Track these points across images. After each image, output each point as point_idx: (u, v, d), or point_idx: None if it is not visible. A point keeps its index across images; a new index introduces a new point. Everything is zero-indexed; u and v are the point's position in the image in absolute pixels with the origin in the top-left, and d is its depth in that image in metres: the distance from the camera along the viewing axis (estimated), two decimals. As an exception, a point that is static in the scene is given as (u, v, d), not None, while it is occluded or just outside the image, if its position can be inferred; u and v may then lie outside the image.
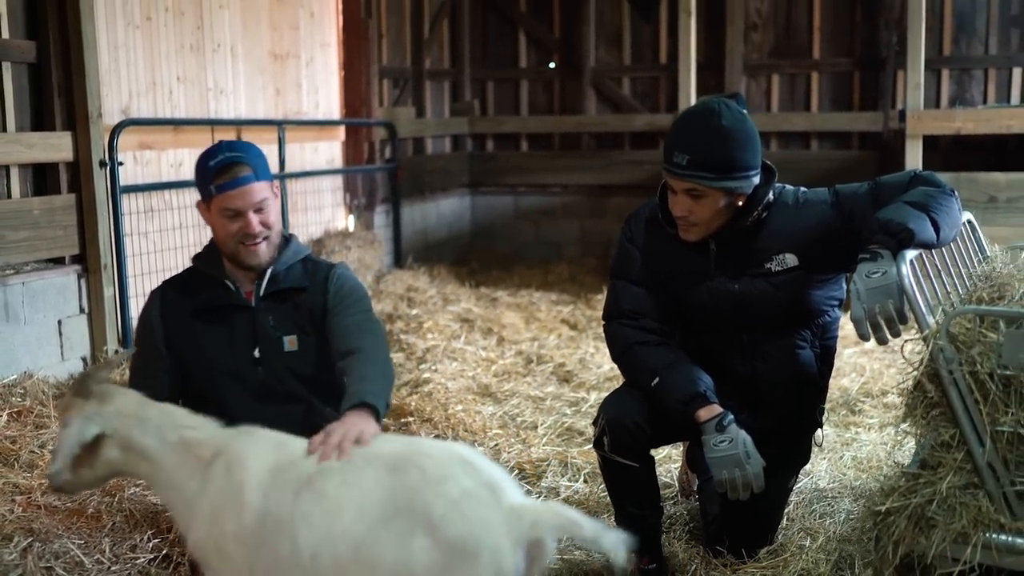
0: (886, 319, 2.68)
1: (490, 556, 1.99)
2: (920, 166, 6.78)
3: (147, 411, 2.56)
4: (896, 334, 2.71)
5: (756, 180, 3.13)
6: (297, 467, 2.29)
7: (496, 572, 1.98)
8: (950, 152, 8.36)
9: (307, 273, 3.20)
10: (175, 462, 2.47)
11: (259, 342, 3.09)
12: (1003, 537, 2.55)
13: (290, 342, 3.12)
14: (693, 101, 7.64)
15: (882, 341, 2.72)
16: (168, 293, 3.19)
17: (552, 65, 10.28)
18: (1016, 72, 8.84)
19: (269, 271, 3.13)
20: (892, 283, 2.66)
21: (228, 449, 2.40)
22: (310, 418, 3.04)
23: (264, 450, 2.37)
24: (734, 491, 3.07)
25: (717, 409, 3.10)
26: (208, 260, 3.20)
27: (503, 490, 2.11)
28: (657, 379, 3.17)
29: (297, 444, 2.43)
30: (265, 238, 3.10)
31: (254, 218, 3.04)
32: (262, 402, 3.01)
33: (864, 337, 2.72)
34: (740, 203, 3.14)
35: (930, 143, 7.38)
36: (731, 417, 3.08)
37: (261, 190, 3.06)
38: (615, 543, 2.00)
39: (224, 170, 3.00)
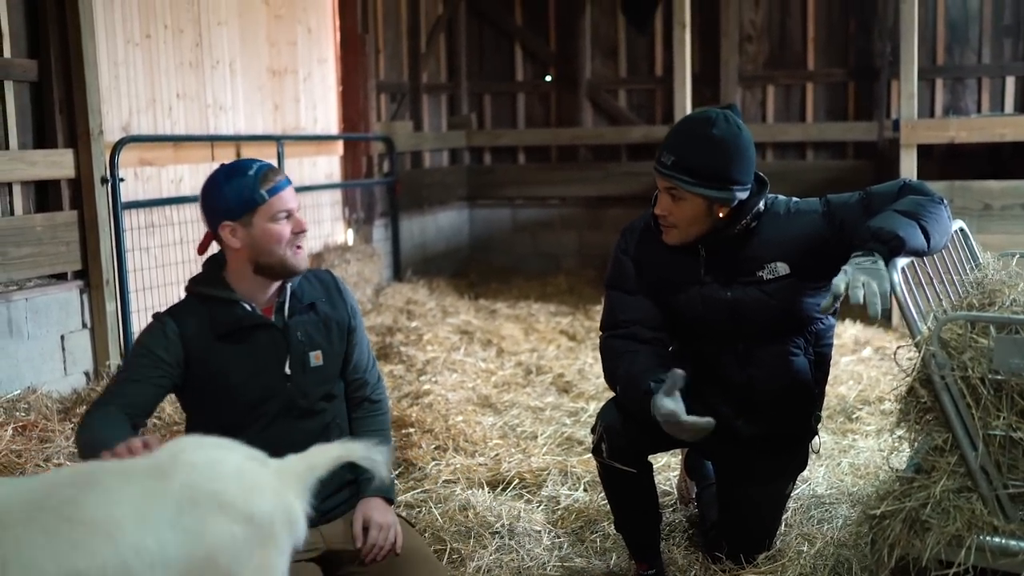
0: (867, 292, 2.64)
1: (282, 513, 2.14)
2: (915, 175, 6.82)
3: None
4: (874, 313, 2.65)
5: (741, 195, 3.15)
6: (19, 510, 2.03)
7: (291, 526, 2.15)
8: (945, 161, 8.42)
9: (314, 286, 3.19)
10: None
11: (290, 358, 3.07)
12: (996, 539, 2.57)
13: (315, 357, 3.09)
14: (688, 113, 7.69)
15: (855, 299, 2.63)
16: (180, 318, 3.04)
17: (548, 78, 10.34)
18: (1009, 81, 8.89)
19: (289, 287, 3.11)
20: (881, 270, 2.69)
21: None
22: (325, 432, 3.05)
23: None
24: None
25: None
26: (213, 283, 3.07)
27: (266, 460, 2.25)
28: (619, 388, 3.23)
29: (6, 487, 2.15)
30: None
31: (300, 216, 3.06)
32: (284, 418, 3.02)
33: (836, 292, 2.68)
34: (721, 214, 3.16)
35: (925, 152, 7.44)
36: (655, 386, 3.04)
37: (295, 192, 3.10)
38: (378, 457, 2.26)
39: (267, 176, 3.00)
